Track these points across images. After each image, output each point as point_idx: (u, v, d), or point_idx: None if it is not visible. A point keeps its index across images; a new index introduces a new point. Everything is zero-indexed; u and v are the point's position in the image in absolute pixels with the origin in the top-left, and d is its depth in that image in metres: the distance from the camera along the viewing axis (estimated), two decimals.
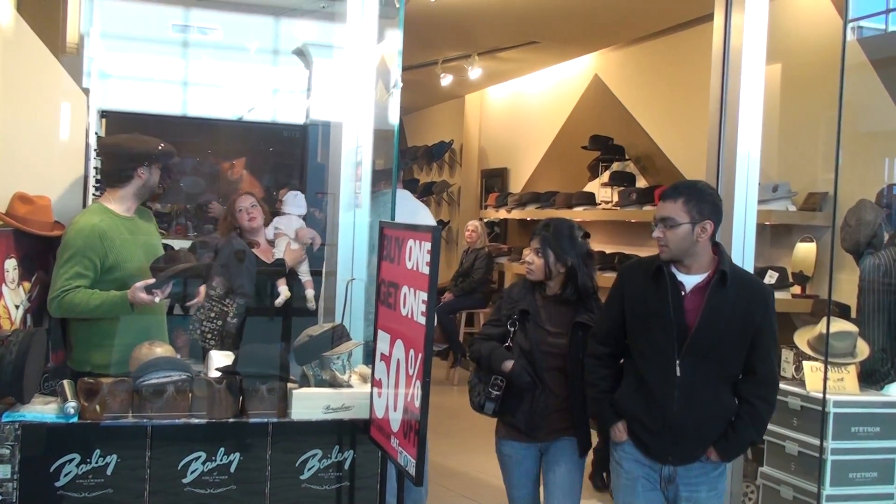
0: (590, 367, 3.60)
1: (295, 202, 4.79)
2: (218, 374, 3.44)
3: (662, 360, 3.35)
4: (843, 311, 4.90)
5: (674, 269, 3.39)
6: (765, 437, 4.57)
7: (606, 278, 7.68)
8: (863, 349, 4.44)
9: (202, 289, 4.07)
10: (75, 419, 3.15)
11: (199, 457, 3.28)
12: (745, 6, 4.58)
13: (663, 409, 3.34)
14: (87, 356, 3.72)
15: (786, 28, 6.02)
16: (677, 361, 3.30)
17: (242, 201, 4.62)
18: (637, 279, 3.50)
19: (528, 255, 3.87)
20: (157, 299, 3.57)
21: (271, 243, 4.66)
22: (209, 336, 4.19)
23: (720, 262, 3.36)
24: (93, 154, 4.43)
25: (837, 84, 4.38)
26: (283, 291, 4.45)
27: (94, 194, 4.34)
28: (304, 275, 4.57)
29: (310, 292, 4.50)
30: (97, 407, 3.17)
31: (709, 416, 3.37)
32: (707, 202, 3.32)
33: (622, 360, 3.62)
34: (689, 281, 3.37)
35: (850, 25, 5.71)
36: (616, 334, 3.55)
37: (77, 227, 3.65)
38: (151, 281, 3.59)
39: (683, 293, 3.36)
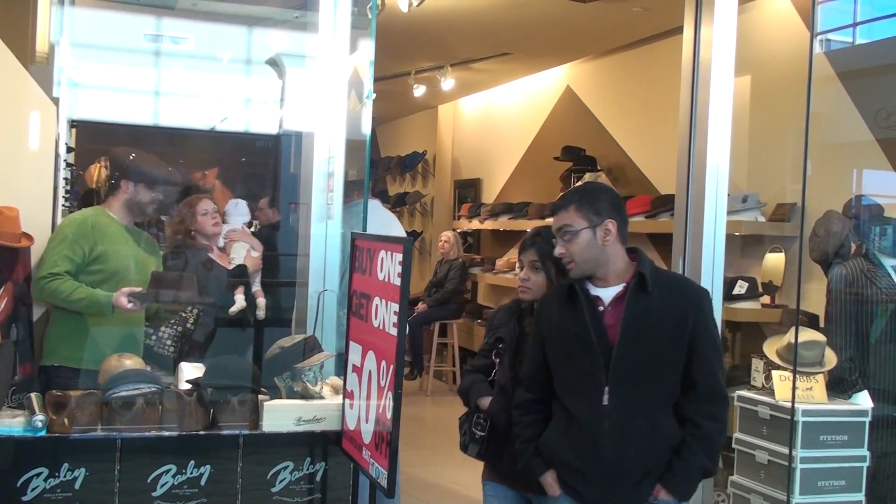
0: (514, 418, 3.12)
1: (237, 210, 4.80)
2: (188, 386, 3.41)
3: (589, 390, 2.87)
4: (812, 321, 4.95)
5: (588, 285, 2.96)
6: (734, 447, 4.60)
7: None
8: (830, 358, 4.48)
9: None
10: (43, 433, 3.11)
11: (170, 469, 3.25)
12: (713, 19, 4.63)
13: (594, 447, 2.85)
14: (55, 348, 3.74)
15: (755, 40, 6.09)
16: (605, 388, 2.84)
17: (205, 205, 4.58)
18: (552, 307, 3.04)
19: (522, 271, 3.34)
20: (134, 308, 3.61)
21: (221, 250, 4.65)
22: (168, 342, 4.16)
23: (639, 265, 2.94)
24: (62, 164, 4.40)
25: (805, 96, 4.43)
26: (239, 301, 4.42)
27: (63, 205, 4.30)
28: (256, 284, 4.55)
29: (261, 301, 4.48)
30: (65, 420, 3.14)
31: (648, 448, 2.86)
32: (603, 201, 2.95)
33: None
34: (607, 294, 2.94)
35: (817, 38, 5.79)
36: (540, 377, 3.06)
37: (72, 217, 3.83)
38: (138, 289, 3.62)
39: (602, 308, 2.93)
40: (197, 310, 4.26)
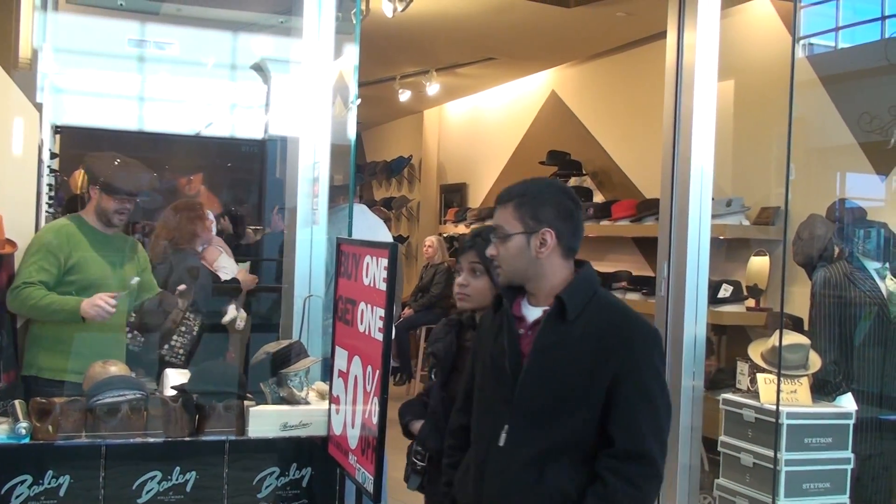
0: (444, 449, 2.77)
1: None
2: (173, 392, 3.40)
3: (490, 426, 2.47)
4: (796, 324, 4.97)
5: (524, 301, 2.53)
6: (720, 450, 4.61)
7: None
8: (815, 361, 4.50)
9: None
10: (27, 440, 3.10)
11: (155, 476, 3.24)
12: (696, 24, 4.65)
13: (477, 495, 2.48)
14: (35, 359, 3.72)
15: (738, 45, 6.13)
16: (505, 426, 2.41)
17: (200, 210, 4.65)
18: (487, 318, 2.66)
19: (461, 276, 2.98)
20: (101, 317, 3.58)
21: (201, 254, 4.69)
22: (181, 351, 4.17)
23: (568, 286, 2.45)
24: (46, 170, 4.38)
25: (788, 100, 4.46)
26: (231, 311, 4.43)
27: (47, 211, 4.29)
28: (240, 298, 4.58)
29: (242, 313, 4.50)
30: (50, 427, 3.12)
31: (528, 502, 2.38)
32: (548, 205, 2.47)
33: None
34: (532, 315, 2.50)
35: (800, 43, 5.83)
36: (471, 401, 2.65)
37: (47, 227, 3.81)
38: (115, 296, 3.60)
39: (521, 331, 2.49)
40: (200, 317, 4.27)
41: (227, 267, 4.57)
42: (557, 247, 2.46)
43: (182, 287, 3.90)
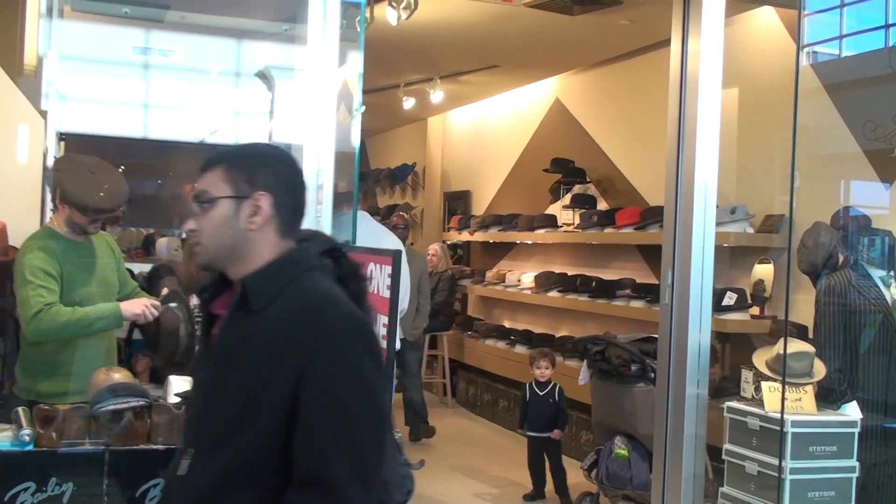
0: None
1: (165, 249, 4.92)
2: (177, 399, 3.40)
3: (180, 451, 2.02)
4: (801, 332, 4.96)
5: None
6: (725, 458, 4.60)
7: (568, 300, 7.76)
8: (819, 369, 4.49)
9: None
10: (30, 447, 3.09)
11: (158, 483, 3.23)
12: (700, 32, 4.66)
13: None
14: (32, 384, 3.63)
15: (742, 53, 6.13)
16: (190, 450, 1.96)
17: None
18: None
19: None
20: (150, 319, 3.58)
21: None
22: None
23: (261, 268, 1.96)
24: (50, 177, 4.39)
25: (792, 108, 4.46)
26: None
27: (51, 218, 4.29)
28: None
29: None
30: (53, 434, 3.12)
31: None
32: (268, 167, 2.02)
33: None
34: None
35: (804, 50, 5.83)
36: None
37: (31, 248, 3.57)
38: (156, 304, 3.59)
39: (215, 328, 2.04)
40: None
41: None
42: (274, 219, 1.98)
43: (165, 290, 3.85)
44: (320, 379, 1.81)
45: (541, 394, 6.31)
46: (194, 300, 3.78)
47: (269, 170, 2.01)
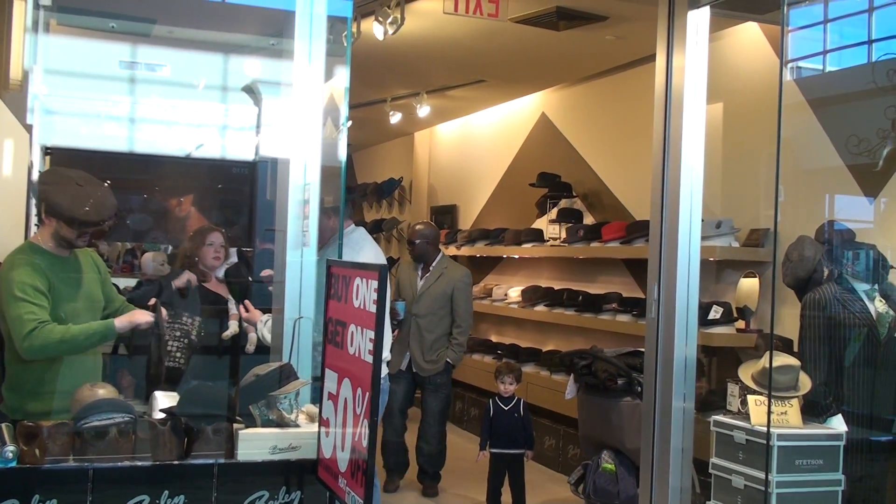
0: None
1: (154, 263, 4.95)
2: (162, 415, 3.38)
3: None
4: (786, 346, 4.98)
5: None
6: (711, 472, 4.61)
7: (554, 314, 7.76)
8: (805, 383, 4.51)
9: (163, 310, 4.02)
10: (14, 463, 3.07)
11: (143, 500, 3.21)
12: (685, 47, 4.69)
13: None
14: (20, 404, 3.60)
15: (727, 68, 6.17)
16: None
17: (214, 237, 4.67)
18: None
19: None
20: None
21: (219, 279, 4.70)
22: (178, 355, 4.17)
23: None
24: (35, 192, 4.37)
25: (776, 123, 4.48)
26: (233, 326, 4.43)
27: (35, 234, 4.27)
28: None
29: (252, 336, 4.48)
30: (37, 451, 3.10)
31: None
32: None
33: None
34: None
35: (788, 66, 5.87)
36: None
37: (16, 263, 3.55)
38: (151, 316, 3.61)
39: None
40: (198, 320, 4.26)
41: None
42: None
43: (153, 301, 3.85)
44: None
45: (506, 408, 6.15)
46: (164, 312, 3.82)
47: None
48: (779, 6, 4.78)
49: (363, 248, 4.97)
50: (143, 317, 3.62)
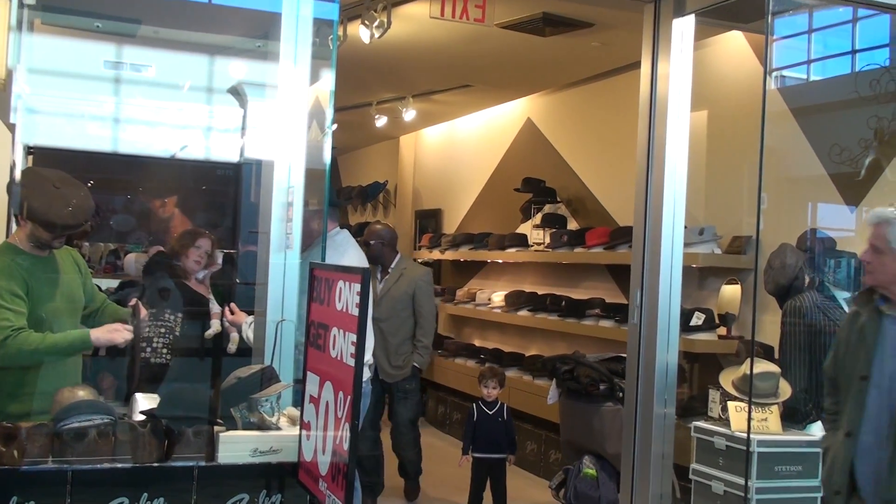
0: None
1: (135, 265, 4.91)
2: (142, 417, 3.37)
3: None
4: (767, 352, 5.01)
5: None
6: (692, 477, 4.62)
7: (538, 319, 7.78)
8: (785, 389, 4.53)
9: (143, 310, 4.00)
10: None
11: (122, 502, 3.19)
12: (670, 55, 4.71)
13: None
14: (2, 406, 3.57)
15: (711, 76, 6.20)
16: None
17: (202, 242, 4.71)
18: None
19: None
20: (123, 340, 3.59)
21: (198, 280, 4.69)
22: (164, 351, 4.16)
23: None
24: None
25: (760, 131, 4.51)
26: (215, 325, 4.42)
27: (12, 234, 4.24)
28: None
29: (233, 336, 4.47)
30: (15, 452, 3.07)
31: None
32: None
33: None
34: None
35: (772, 75, 5.91)
36: None
37: None
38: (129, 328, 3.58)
39: None
40: (180, 315, 4.25)
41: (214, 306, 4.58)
42: None
43: (133, 301, 3.82)
44: None
45: (490, 413, 6.13)
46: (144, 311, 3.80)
47: None
48: (763, 15, 4.81)
49: (347, 250, 4.96)
50: (121, 336, 3.57)
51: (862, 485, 3.40)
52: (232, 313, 4.27)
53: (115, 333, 3.56)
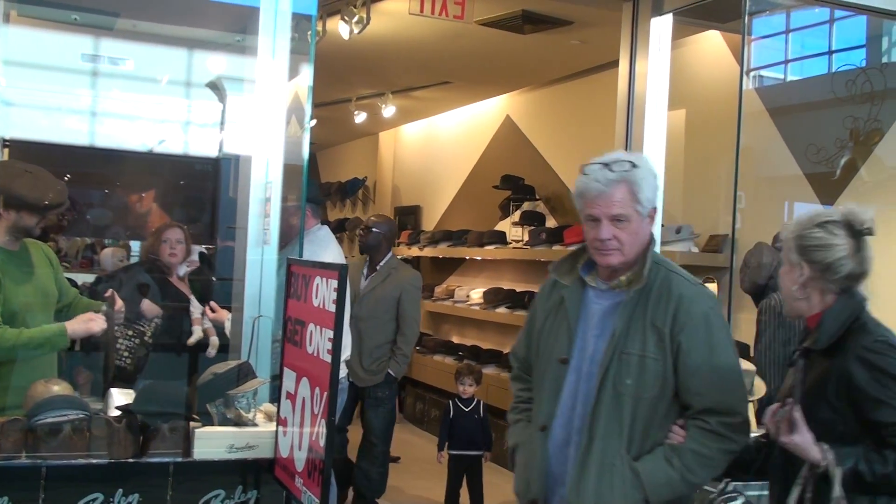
0: None
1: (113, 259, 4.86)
2: (118, 412, 3.35)
3: None
4: (742, 351, 5.04)
5: None
6: None
7: (516, 316, 7.80)
8: (760, 388, 4.56)
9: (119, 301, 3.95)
10: None
11: (97, 498, 3.18)
12: (648, 54, 4.73)
13: None
14: None
15: (689, 75, 6.24)
16: None
17: (171, 233, 4.59)
18: None
19: None
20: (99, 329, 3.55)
21: (180, 277, 4.65)
22: (126, 354, 4.11)
23: None
24: None
25: (736, 130, 4.55)
26: (197, 332, 4.35)
27: None
28: (206, 322, 4.50)
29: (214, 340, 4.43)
30: None
31: None
32: None
33: None
34: None
35: (749, 74, 5.96)
36: None
37: None
38: (100, 315, 3.54)
39: None
40: (155, 322, 4.21)
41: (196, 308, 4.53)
42: None
43: (109, 293, 3.78)
44: None
45: (465, 410, 6.13)
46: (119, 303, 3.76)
47: None
48: (741, 15, 4.84)
49: (328, 247, 4.96)
50: (97, 325, 3.53)
51: (551, 486, 2.87)
52: (213, 311, 4.24)
53: (92, 323, 3.53)
